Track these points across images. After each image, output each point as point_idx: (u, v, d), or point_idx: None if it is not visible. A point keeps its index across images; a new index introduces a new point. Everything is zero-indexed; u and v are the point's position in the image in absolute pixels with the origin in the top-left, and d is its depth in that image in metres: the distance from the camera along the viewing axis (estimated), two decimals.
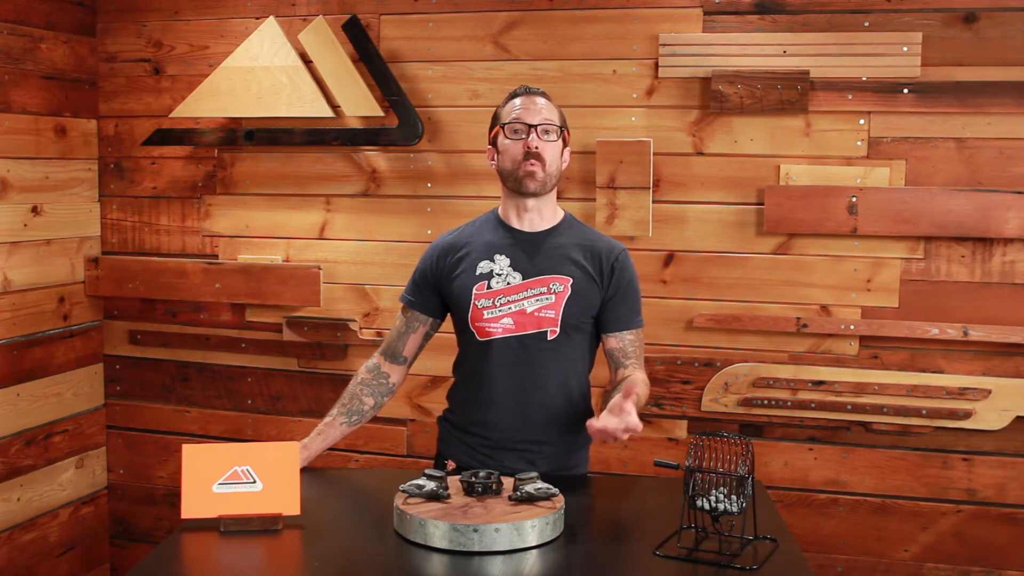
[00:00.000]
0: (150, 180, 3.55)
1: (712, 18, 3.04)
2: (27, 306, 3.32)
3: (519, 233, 2.29)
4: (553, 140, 2.24)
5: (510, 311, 2.23)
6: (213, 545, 1.90)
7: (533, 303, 2.23)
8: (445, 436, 2.40)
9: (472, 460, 2.28)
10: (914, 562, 3.05)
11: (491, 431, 2.28)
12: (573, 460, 2.33)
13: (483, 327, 2.25)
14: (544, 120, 2.22)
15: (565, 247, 2.28)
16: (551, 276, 2.24)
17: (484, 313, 2.24)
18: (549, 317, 2.23)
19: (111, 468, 3.69)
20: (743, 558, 1.80)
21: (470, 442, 2.31)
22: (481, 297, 2.25)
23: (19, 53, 3.23)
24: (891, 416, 3.00)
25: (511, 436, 2.26)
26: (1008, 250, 2.92)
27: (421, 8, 3.25)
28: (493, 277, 2.25)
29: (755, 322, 3.07)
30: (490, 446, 2.28)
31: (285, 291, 3.38)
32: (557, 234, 2.30)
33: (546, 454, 2.27)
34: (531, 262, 2.25)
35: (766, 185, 3.03)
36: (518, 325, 2.23)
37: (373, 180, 3.34)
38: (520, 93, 2.28)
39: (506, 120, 2.25)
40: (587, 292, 2.25)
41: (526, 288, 2.24)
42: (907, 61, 2.91)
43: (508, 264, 2.26)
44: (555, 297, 2.23)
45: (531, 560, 1.80)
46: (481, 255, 2.28)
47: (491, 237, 2.30)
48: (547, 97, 2.29)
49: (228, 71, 3.30)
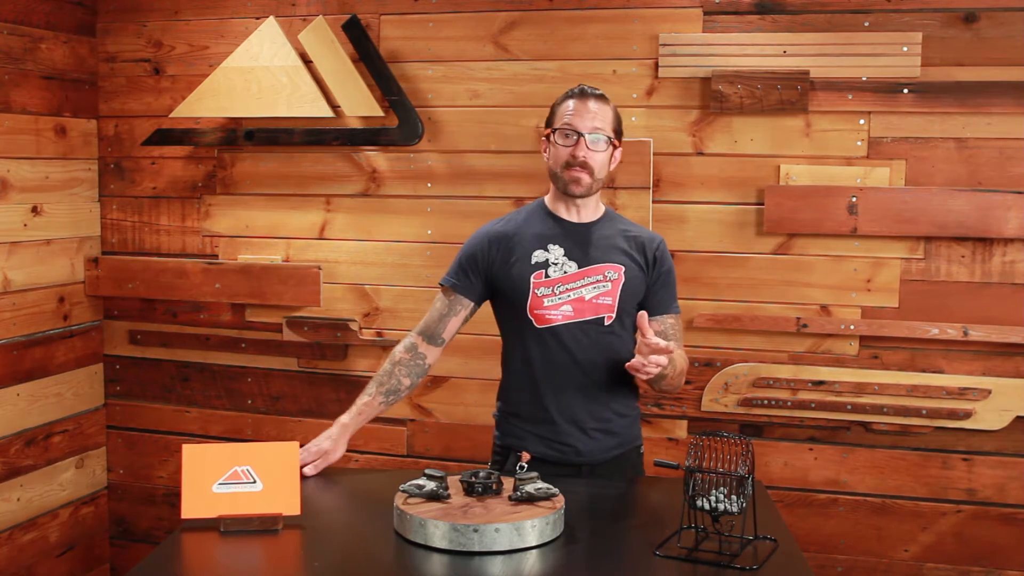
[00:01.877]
0: (150, 180, 3.55)
1: (712, 18, 3.04)
2: (27, 306, 3.32)
3: (568, 224, 2.36)
4: (602, 150, 2.29)
5: (569, 299, 2.31)
6: (213, 545, 1.90)
7: (591, 291, 2.31)
8: (511, 430, 2.42)
9: (547, 448, 2.34)
10: (914, 562, 3.05)
11: (560, 415, 2.33)
12: (633, 432, 2.43)
13: (543, 315, 2.31)
14: (594, 129, 2.27)
15: (612, 237, 2.36)
16: (605, 264, 2.33)
17: (544, 301, 2.31)
18: (607, 304, 2.31)
19: (111, 468, 3.69)
20: (743, 558, 1.80)
21: (541, 431, 2.35)
22: (540, 286, 2.31)
23: (19, 53, 3.23)
24: (891, 416, 3.00)
25: (580, 418, 2.33)
26: (1008, 250, 2.92)
27: (421, 8, 3.25)
28: (549, 266, 2.32)
29: (755, 322, 3.07)
30: (562, 431, 2.34)
31: (285, 291, 3.38)
32: (602, 225, 2.38)
33: (612, 430, 2.36)
34: (584, 251, 2.33)
35: (766, 185, 3.03)
36: (577, 312, 2.30)
37: (373, 180, 3.34)
38: (575, 95, 2.31)
39: (558, 124, 2.30)
40: (636, 279, 2.35)
41: (583, 276, 2.31)
42: (907, 61, 2.91)
43: (562, 254, 2.33)
44: (611, 284, 2.32)
45: (531, 560, 1.80)
46: (534, 245, 2.34)
47: (541, 228, 2.36)
48: (603, 100, 2.31)
49: (228, 71, 3.30)
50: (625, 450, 2.40)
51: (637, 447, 2.45)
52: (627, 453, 2.41)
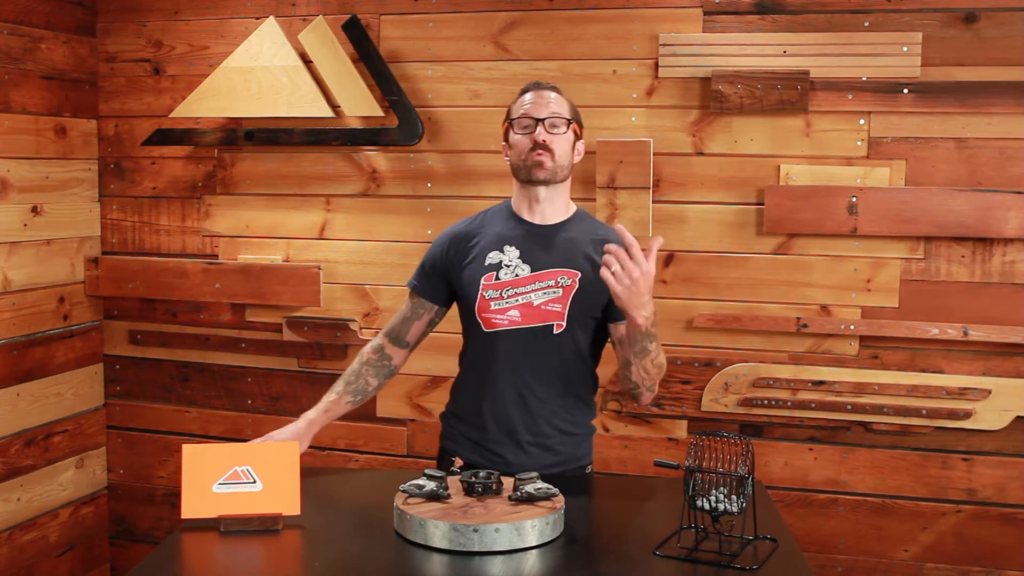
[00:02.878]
0: (150, 180, 3.55)
1: (712, 18, 3.04)
2: (27, 306, 3.32)
3: (530, 225, 2.29)
4: (562, 132, 2.24)
5: (517, 303, 2.23)
6: (213, 545, 1.90)
7: (540, 296, 2.23)
8: (450, 432, 2.38)
9: (478, 456, 2.28)
10: (914, 562, 3.05)
11: (495, 424, 2.27)
12: (578, 452, 2.33)
13: (489, 318, 2.25)
14: (551, 114, 2.22)
15: (576, 241, 2.27)
16: (560, 270, 2.24)
17: (491, 304, 2.24)
18: (555, 311, 2.22)
19: (111, 468, 3.69)
20: (743, 558, 1.80)
21: (474, 436, 2.30)
22: (489, 288, 2.25)
23: (19, 53, 3.23)
24: (891, 416, 3.00)
25: (514, 429, 2.26)
26: (1008, 250, 2.92)
27: (421, 8, 3.25)
28: (502, 268, 2.25)
29: (755, 322, 3.06)
30: (494, 440, 2.28)
31: (285, 291, 3.38)
32: (568, 228, 2.29)
33: (551, 447, 2.27)
34: (541, 254, 2.25)
35: (766, 185, 3.03)
36: (524, 318, 2.23)
37: (373, 180, 3.34)
38: (530, 88, 2.30)
39: (515, 116, 2.27)
40: (595, 287, 2.20)
41: (534, 281, 2.23)
42: (907, 61, 2.91)
43: (517, 256, 2.26)
44: (562, 291, 2.22)
45: (531, 560, 1.80)
46: (491, 245, 2.28)
47: (502, 228, 2.30)
48: (558, 91, 2.29)
49: (228, 71, 3.30)
50: (565, 469, 2.28)
51: (583, 467, 2.34)
52: (568, 472, 2.28)
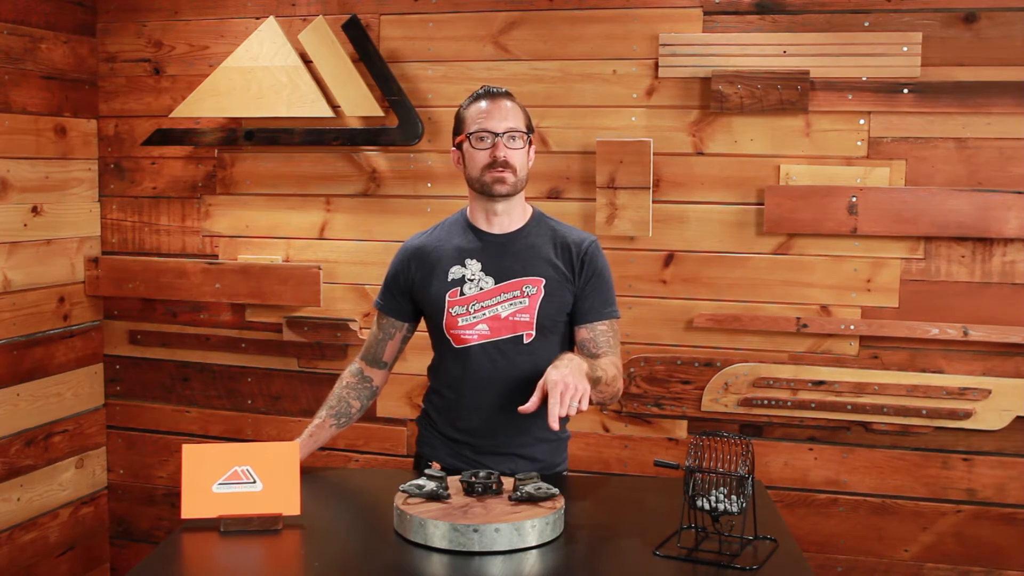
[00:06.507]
0: (150, 180, 3.55)
1: (712, 18, 3.04)
2: (27, 306, 3.32)
3: (488, 236, 2.27)
4: (520, 147, 2.21)
5: (484, 317, 2.22)
6: (213, 545, 1.90)
7: (507, 307, 2.22)
8: (428, 439, 2.37)
9: (460, 462, 2.28)
10: (914, 562, 3.05)
11: (476, 438, 2.28)
12: (556, 459, 2.34)
13: (459, 334, 2.23)
14: (509, 128, 2.19)
15: (536, 246, 2.26)
16: (523, 279, 2.22)
17: (459, 320, 2.23)
18: (524, 321, 2.21)
19: (111, 468, 3.69)
20: (743, 558, 1.80)
21: (456, 449, 2.31)
22: (455, 304, 2.23)
23: (19, 53, 3.23)
24: (891, 416, 3.00)
25: (496, 441, 2.27)
26: (1008, 250, 2.92)
27: (421, 8, 3.25)
28: (465, 283, 2.24)
29: (755, 322, 3.06)
30: (476, 451, 2.28)
31: (285, 291, 3.38)
32: (527, 234, 2.28)
33: (532, 455, 2.28)
34: (502, 265, 2.23)
35: (766, 185, 3.03)
36: (493, 331, 2.22)
37: (373, 180, 3.34)
38: (482, 95, 2.24)
39: (472, 130, 2.21)
40: (560, 290, 2.23)
41: (499, 292, 2.22)
42: (907, 61, 2.91)
43: (479, 269, 2.24)
44: (528, 300, 2.22)
45: (531, 560, 1.80)
46: (452, 260, 2.26)
47: (460, 241, 2.28)
48: (512, 99, 2.25)
49: (228, 71, 3.30)
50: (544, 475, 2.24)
51: (560, 472, 2.35)
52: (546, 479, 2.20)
